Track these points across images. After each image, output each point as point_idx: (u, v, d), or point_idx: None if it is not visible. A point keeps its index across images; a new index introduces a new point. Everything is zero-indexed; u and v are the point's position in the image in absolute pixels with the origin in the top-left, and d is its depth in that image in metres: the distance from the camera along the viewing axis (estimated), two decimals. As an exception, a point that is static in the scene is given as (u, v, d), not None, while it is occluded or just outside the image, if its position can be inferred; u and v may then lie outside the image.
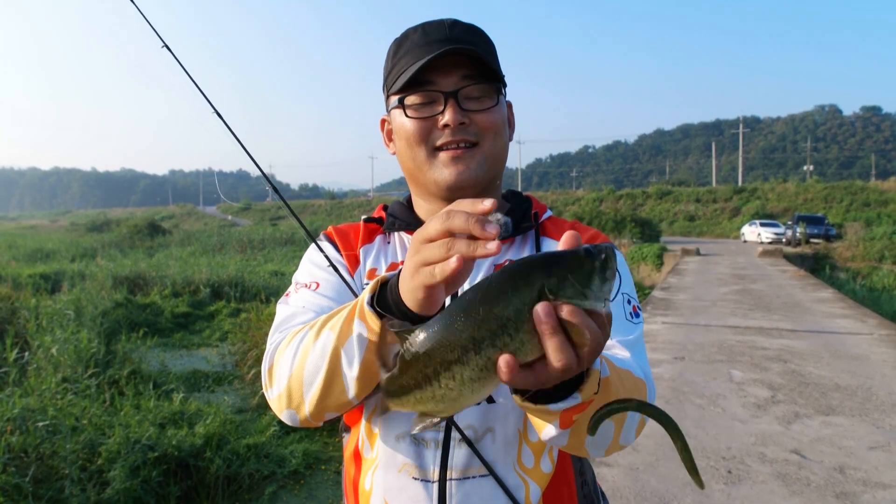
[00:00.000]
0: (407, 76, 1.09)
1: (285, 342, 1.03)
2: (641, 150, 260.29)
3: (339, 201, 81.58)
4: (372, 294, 0.87)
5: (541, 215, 1.26)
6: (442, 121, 1.09)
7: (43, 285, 13.37)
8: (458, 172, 1.11)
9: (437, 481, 1.06)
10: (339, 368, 0.92)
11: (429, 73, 1.09)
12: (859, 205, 43.90)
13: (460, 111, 1.09)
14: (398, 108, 1.14)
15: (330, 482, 4.71)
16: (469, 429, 1.06)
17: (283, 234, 32.68)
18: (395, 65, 1.15)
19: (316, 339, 0.95)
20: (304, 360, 0.96)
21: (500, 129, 1.15)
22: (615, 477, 4.18)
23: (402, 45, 1.15)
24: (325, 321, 0.96)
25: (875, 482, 4.10)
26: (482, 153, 1.13)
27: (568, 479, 1.14)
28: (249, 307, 10.00)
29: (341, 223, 1.34)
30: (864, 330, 9.29)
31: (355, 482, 1.14)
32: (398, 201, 1.30)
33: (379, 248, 1.23)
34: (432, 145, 1.12)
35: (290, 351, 0.99)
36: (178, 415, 4.98)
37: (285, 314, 1.14)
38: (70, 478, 3.87)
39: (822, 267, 24.20)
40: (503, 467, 1.07)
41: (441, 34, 1.12)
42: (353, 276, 1.19)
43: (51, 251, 25.29)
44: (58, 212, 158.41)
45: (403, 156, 1.17)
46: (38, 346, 6.91)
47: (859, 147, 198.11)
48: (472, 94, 1.11)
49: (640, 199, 55.73)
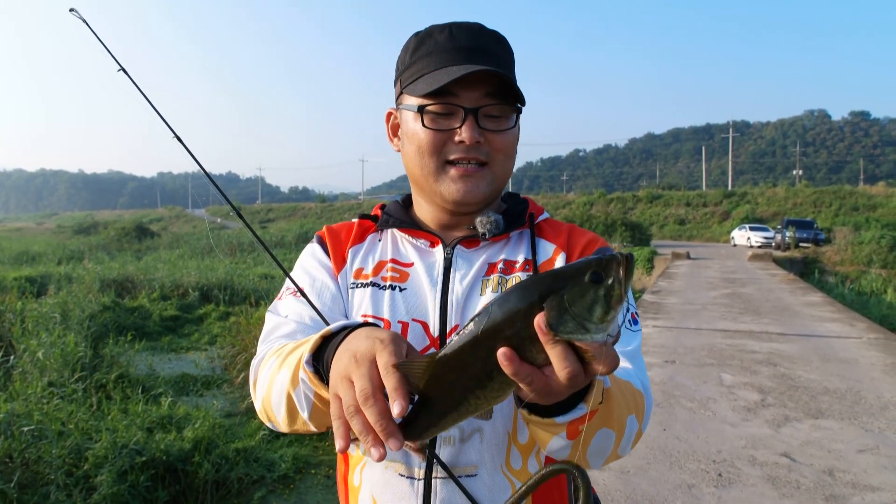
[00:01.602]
0: (433, 85, 1.05)
1: (266, 358, 1.06)
2: (632, 154, 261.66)
3: (330, 204, 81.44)
4: (312, 352, 0.88)
5: (537, 216, 1.25)
6: (458, 137, 1.08)
7: (29, 288, 13.23)
8: (467, 190, 1.11)
9: (423, 479, 1.06)
10: (294, 407, 0.95)
11: (451, 83, 1.06)
12: (848, 209, 44.27)
13: (478, 129, 1.08)
14: (414, 113, 1.11)
15: (320, 486, 4.68)
16: (455, 428, 1.05)
17: (273, 237, 32.55)
18: (415, 63, 1.12)
19: (278, 373, 0.98)
20: (270, 389, 1.00)
21: (512, 150, 1.14)
22: (606, 480, 4.17)
23: (425, 44, 1.11)
24: (288, 354, 0.98)
25: (864, 485, 4.12)
26: (492, 173, 1.13)
27: (558, 482, 1.13)
28: (238, 311, 9.94)
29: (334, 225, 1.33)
30: (853, 334, 9.35)
31: (345, 477, 1.16)
32: (396, 200, 1.29)
33: (368, 247, 1.23)
34: (444, 158, 1.11)
35: (265, 372, 1.04)
36: (166, 419, 4.94)
37: (271, 324, 1.15)
38: (56, 483, 3.82)
39: (811, 271, 24.40)
40: (490, 468, 1.07)
41: (468, 41, 1.09)
42: (337, 277, 1.19)
43: (37, 254, 25.08)
44: (44, 214, 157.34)
45: (411, 161, 1.15)
46: (24, 349, 6.83)
47: (848, 152, 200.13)
48: (492, 113, 1.09)
49: (630, 202, 55.94)
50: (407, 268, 1.17)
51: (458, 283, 1.13)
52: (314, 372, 0.87)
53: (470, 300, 1.12)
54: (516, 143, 1.15)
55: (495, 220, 1.17)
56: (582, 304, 0.64)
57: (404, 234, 1.22)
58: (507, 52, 1.14)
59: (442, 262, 1.16)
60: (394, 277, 1.16)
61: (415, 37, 1.14)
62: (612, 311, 0.64)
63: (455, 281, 1.13)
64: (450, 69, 1.06)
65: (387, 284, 1.15)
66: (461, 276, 1.14)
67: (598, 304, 0.64)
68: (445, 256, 1.16)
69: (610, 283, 0.64)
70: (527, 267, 1.16)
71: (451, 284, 1.13)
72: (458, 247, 1.17)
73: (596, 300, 0.64)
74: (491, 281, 1.14)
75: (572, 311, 0.64)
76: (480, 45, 1.10)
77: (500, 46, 1.13)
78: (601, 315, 0.64)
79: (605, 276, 0.64)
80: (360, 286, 1.17)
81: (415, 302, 1.13)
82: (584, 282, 0.64)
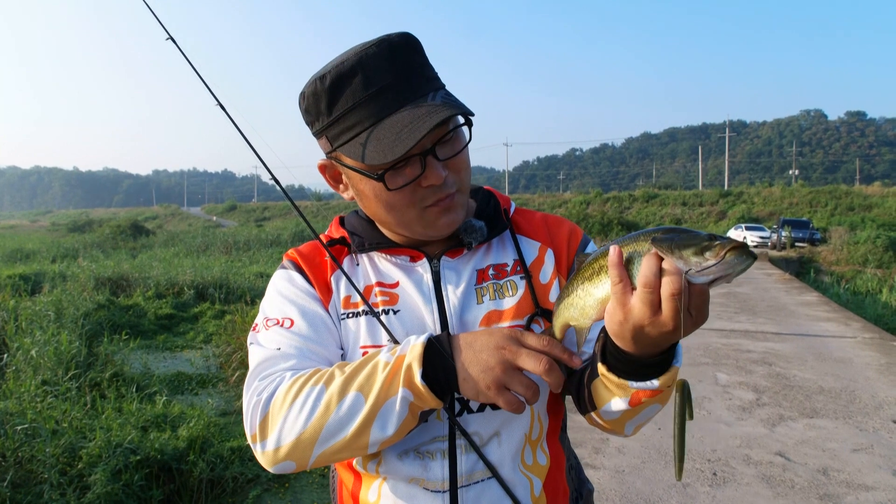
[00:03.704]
0: (390, 156, 0.96)
1: (283, 393, 0.98)
2: (628, 154, 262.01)
3: (326, 203, 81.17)
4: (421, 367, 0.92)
5: (509, 211, 1.24)
6: (426, 182, 1.02)
7: (22, 286, 13.16)
8: (450, 222, 1.09)
9: (448, 491, 1.06)
10: (368, 429, 0.94)
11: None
12: (844, 209, 44.36)
13: (440, 166, 1.02)
14: (364, 177, 1.04)
15: (315, 486, 4.67)
16: (475, 435, 1.07)
17: (269, 236, 32.47)
18: (341, 119, 1.01)
19: (341, 397, 0.94)
20: (324, 419, 0.95)
21: (468, 160, 1.10)
22: (601, 479, 4.17)
23: (341, 92, 1.00)
24: (347, 380, 0.95)
25: (858, 484, 4.13)
26: (463, 195, 1.10)
27: (560, 468, 1.16)
28: (234, 309, 9.91)
29: (326, 226, 1.30)
30: (848, 333, 9.38)
31: (355, 494, 1.13)
32: (355, 214, 1.23)
33: (349, 272, 1.17)
34: (422, 205, 1.06)
35: (298, 407, 0.96)
36: (160, 417, 4.91)
37: (261, 357, 1.07)
38: (49, 482, 3.79)
39: (806, 270, 24.45)
40: (510, 469, 1.07)
41: (386, 77, 0.98)
42: (327, 308, 1.13)
43: (31, 251, 24.92)
44: (38, 211, 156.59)
45: (377, 213, 1.10)
46: (17, 347, 6.79)
47: (844, 152, 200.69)
48: (445, 140, 1.04)
49: (626, 202, 55.95)
50: (393, 288, 1.14)
51: (453, 295, 1.11)
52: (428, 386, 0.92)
53: (467, 310, 1.11)
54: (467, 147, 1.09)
55: (479, 228, 1.15)
56: (684, 239, 0.78)
57: (381, 253, 1.17)
58: (420, 54, 1.03)
59: (430, 276, 1.13)
60: (384, 301, 1.12)
61: (319, 83, 1.01)
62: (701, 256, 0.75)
63: (449, 293, 1.12)
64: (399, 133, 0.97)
65: (379, 310, 1.11)
66: (454, 288, 1.12)
67: (695, 246, 0.76)
68: (433, 270, 1.14)
69: (715, 243, 0.75)
70: (518, 268, 1.16)
71: (446, 297, 1.11)
72: (444, 258, 1.15)
73: (695, 243, 0.76)
74: (485, 289, 1.13)
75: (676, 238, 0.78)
76: (400, 73, 0.99)
77: (413, 54, 1.02)
78: (691, 253, 0.76)
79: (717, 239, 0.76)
80: (350, 315, 1.12)
81: (412, 321, 1.10)
82: (703, 235, 0.77)
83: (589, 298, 0.89)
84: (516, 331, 0.92)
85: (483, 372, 0.89)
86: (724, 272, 0.74)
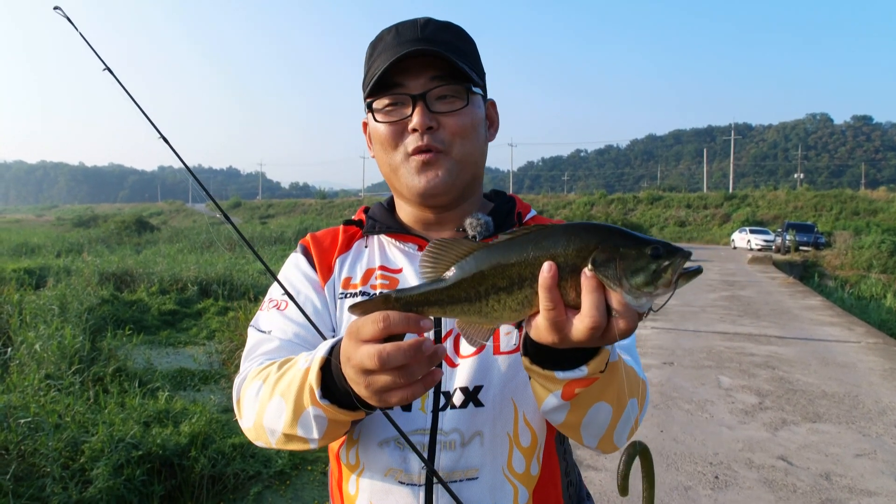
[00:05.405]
0: (375, 78, 1.08)
1: (249, 378, 1.06)
2: (633, 155, 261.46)
3: (330, 201, 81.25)
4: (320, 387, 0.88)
5: (524, 215, 1.25)
6: (410, 124, 1.08)
7: (27, 280, 13.22)
8: (428, 180, 1.09)
9: (423, 485, 1.05)
10: (295, 432, 0.96)
11: (399, 75, 1.08)
12: (849, 213, 44.18)
13: (428, 114, 1.08)
14: (370, 112, 1.14)
15: (316, 483, 4.67)
16: (455, 432, 1.05)
17: (273, 233, 32.51)
18: (370, 67, 1.13)
19: (269, 400, 0.98)
20: (263, 413, 1.00)
21: (470, 131, 1.11)
22: (602, 480, 4.16)
23: (377, 47, 1.13)
24: (277, 381, 0.98)
25: (861, 489, 4.12)
26: (451, 160, 1.10)
27: (554, 481, 1.13)
28: (237, 305, 9.94)
29: (329, 225, 1.31)
30: (852, 338, 9.35)
31: (339, 484, 1.14)
32: (380, 203, 1.28)
33: (355, 254, 1.21)
34: (405, 150, 1.10)
35: (252, 393, 1.03)
36: (163, 413, 4.93)
37: (253, 340, 1.14)
38: (52, 476, 3.81)
39: (810, 274, 24.41)
40: (491, 470, 1.06)
41: (413, 34, 1.09)
42: (323, 289, 1.17)
43: (36, 246, 25.05)
44: (44, 206, 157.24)
45: (380, 160, 1.16)
46: (21, 341, 6.83)
47: (849, 156, 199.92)
48: (442, 94, 1.09)
49: (631, 203, 55.84)
50: (396, 274, 1.16)
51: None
52: (331, 403, 0.88)
53: None
54: (477, 123, 1.13)
55: (485, 221, 1.15)
56: (630, 264, 0.69)
57: (391, 239, 1.20)
58: (460, 38, 1.13)
59: None
60: (383, 285, 1.14)
61: (370, 45, 1.15)
62: (653, 287, 0.69)
63: None
64: (387, 61, 1.06)
65: (376, 293, 1.12)
66: None
67: (644, 273, 0.69)
68: None
69: (665, 265, 0.68)
70: None
71: None
72: None
73: (644, 269, 0.69)
74: None
75: (620, 263, 0.69)
76: (426, 34, 1.09)
77: (451, 33, 1.12)
78: (642, 283, 0.69)
79: (664, 258, 0.68)
80: (348, 296, 1.15)
81: None
82: (644, 251, 0.69)
83: (505, 312, 0.77)
84: (353, 325, 0.79)
85: (357, 386, 0.80)
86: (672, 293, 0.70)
